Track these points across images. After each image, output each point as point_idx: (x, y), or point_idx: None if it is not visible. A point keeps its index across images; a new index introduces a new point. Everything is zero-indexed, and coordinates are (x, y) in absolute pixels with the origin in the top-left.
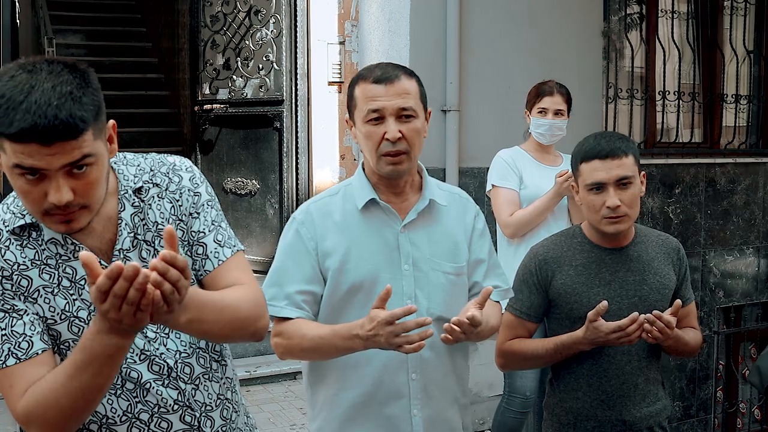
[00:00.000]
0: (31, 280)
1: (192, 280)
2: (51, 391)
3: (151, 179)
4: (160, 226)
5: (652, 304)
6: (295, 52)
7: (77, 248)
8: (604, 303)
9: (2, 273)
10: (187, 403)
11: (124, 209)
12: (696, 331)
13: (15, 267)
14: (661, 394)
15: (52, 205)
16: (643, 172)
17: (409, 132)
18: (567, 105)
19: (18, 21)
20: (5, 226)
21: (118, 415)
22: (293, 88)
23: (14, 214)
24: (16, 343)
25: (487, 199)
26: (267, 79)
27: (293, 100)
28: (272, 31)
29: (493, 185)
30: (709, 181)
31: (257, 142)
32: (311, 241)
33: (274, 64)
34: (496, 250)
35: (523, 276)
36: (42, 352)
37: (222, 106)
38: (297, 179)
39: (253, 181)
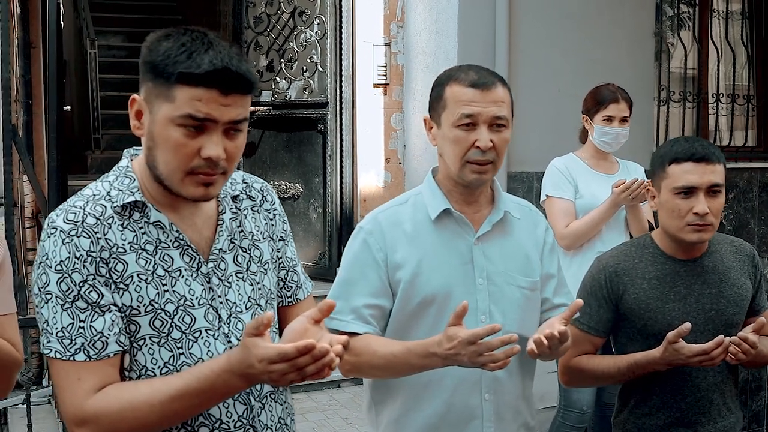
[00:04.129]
0: (127, 265)
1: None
2: (143, 404)
3: (245, 191)
4: (255, 236)
5: (729, 317)
6: (340, 54)
7: (180, 237)
8: (687, 325)
9: (100, 254)
10: (251, 423)
11: (225, 212)
12: None
13: (114, 249)
14: (734, 407)
15: (203, 163)
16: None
17: (499, 142)
18: (630, 111)
19: (62, 23)
20: (111, 203)
21: (176, 427)
22: (338, 91)
23: (121, 191)
24: (90, 340)
25: (536, 204)
26: (311, 81)
27: (338, 103)
28: (317, 32)
29: (547, 195)
30: (763, 186)
31: (301, 145)
32: (380, 251)
33: (319, 66)
34: None
35: (591, 288)
36: (113, 355)
37: (265, 108)
38: (341, 183)
39: (297, 184)
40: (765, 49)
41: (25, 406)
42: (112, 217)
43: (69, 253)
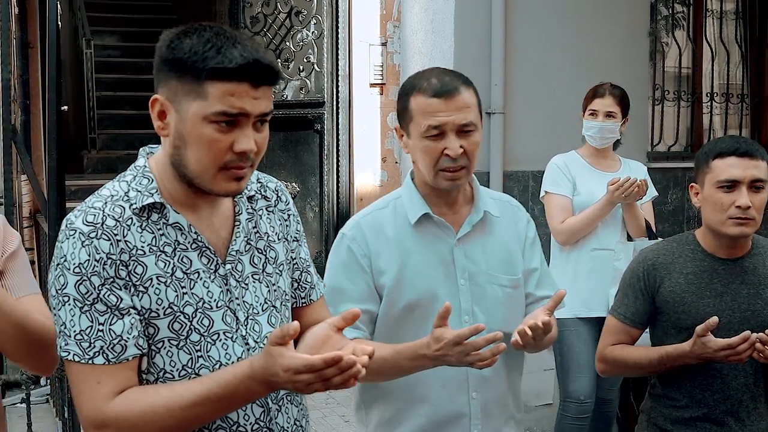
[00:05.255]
0: (146, 267)
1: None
2: (164, 408)
3: (260, 191)
4: (270, 237)
5: (765, 319)
6: (337, 54)
7: (198, 239)
8: (714, 319)
9: (120, 257)
10: (268, 425)
11: (241, 213)
12: None
13: (134, 251)
14: (765, 413)
15: (235, 157)
16: None
17: (470, 146)
18: (620, 107)
19: (59, 23)
20: (129, 204)
21: (194, 431)
22: (334, 90)
23: (140, 192)
24: (110, 343)
25: (532, 203)
26: (308, 81)
27: (334, 102)
28: (313, 32)
29: (546, 191)
30: None
31: (297, 145)
32: (365, 258)
33: (315, 66)
34: (548, 256)
35: (630, 280)
36: (132, 358)
37: None
38: (338, 182)
39: (293, 184)
40: (759, 48)
41: (23, 405)
42: (131, 218)
43: (89, 255)
